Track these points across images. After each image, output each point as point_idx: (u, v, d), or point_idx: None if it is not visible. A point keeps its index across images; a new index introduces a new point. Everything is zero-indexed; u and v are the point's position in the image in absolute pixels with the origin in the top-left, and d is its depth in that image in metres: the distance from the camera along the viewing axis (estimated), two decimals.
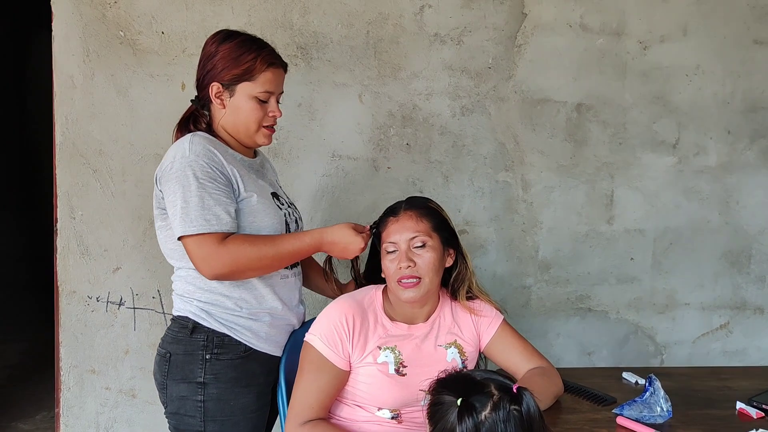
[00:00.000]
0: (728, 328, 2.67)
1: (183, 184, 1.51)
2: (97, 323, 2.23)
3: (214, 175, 1.53)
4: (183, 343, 1.60)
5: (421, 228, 1.54)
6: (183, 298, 1.63)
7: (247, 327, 1.63)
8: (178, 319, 1.64)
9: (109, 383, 2.25)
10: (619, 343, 2.60)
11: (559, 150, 2.46)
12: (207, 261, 1.51)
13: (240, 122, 1.62)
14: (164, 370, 1.62)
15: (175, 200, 1.52)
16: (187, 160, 1.52)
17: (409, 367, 1.56)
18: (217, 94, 1.60)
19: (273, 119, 1.65)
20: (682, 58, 2.50)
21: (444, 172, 2.39)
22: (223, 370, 1.60)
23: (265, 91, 1.60)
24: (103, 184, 2.18)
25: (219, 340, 1.60)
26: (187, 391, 1.59)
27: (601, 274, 2.55)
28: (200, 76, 1.64)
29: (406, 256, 1.52)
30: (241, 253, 1.52)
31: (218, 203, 1.51)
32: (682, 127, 2.53)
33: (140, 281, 2.23)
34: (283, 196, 1.74)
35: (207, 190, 1.51)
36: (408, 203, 1.60)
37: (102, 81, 2.15)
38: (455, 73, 2.36)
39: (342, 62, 2.28)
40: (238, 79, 1.59)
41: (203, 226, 1.50)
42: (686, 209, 2.57)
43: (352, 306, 1.57)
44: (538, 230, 2.49)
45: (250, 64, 1.58)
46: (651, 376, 1.61)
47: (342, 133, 2.31)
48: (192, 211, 1.50)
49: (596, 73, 2.45)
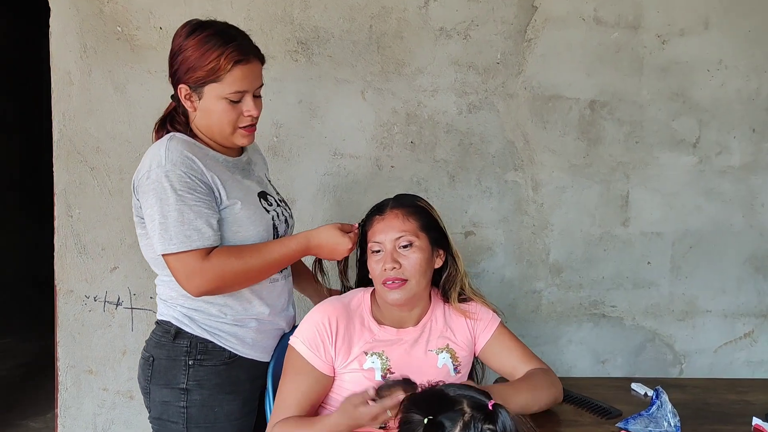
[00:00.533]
0: (752, 336, 2.53)
1: (160, 196, 1.42)
2: (94, 323, 2.20)
3: (192, 185, 1.44)
4: (166, 348, 1.55)
5: (407, 227, 1.47)
6: (166, 303, 1.58)
7: (232, 333, 1.57)
8: (161, 323, 1.59)
9: (106, 384, 2.22)
10: (635, 351, 2.49)
11: (571, 149, 2.36)
12: (191, 279, 1.44)
13: (213, 125, 1.51)
14: (147, 375, 1.57)
15: (153, 214, 1.43)
16: (164, 170, 1.43)
17: (396, 373, 1.48)
18: (186, 97, 1.49)
19: (250, 119, 1.51)
20: (704, 53, 2.37)
21: (450, 171, 2.31)
22: (206, 377, 1.55)
23: (236, 91, 1.47)
24: (101, 182, 2.15)
25: (202, 346, 1.54)
26: (170, 396, 1.54)
27: (616, 278, 2.44)
28: (170, 74, 1.52)
29: (391, 256, 1.45)
30: (226, 268, 1.46)
31: (199, 216, 1.43)
32: (703, 124, 2.41)
33: (137, 281, 2.19)
34: (272, 194, 1.66)
35: (186, 202, 1.42)
36: (395, 201, 1.52)
37: (99, 77, 2.12)
38: (462, 69, 2.27)
39: (344, 58, 2.22)
40: (204, 81, 1.46)
41: (184, 243, 1.42)
42: (707, 211, 2.44)
43: (337, 308, 1.50)
44: (548, 232, 2.39)
45: (214, 63, 1.44)
46: (658, 389, 1.50)
47: (344, 131, 2.24)
48: (171, 227, 1.42)
49: (611, 69, 2.34)
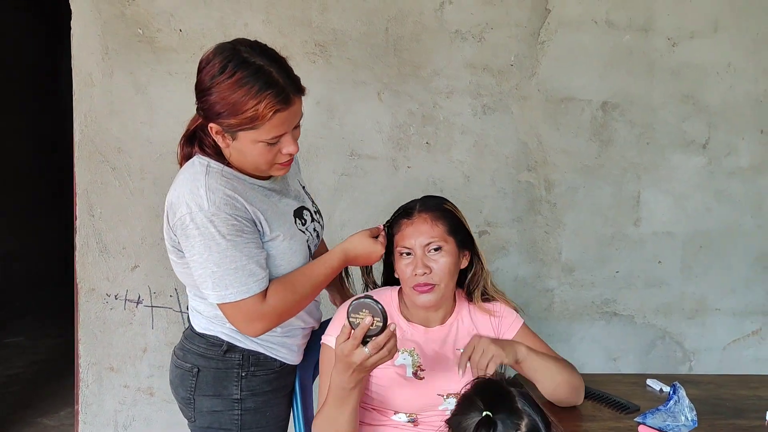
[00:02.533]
0: (760, 334, 2.57)
1: (209, 244, 1.32)
2: (115, 321, 2.23)
3: (240, 227, 1.34)
4: (215, 360, 1.49)
5: (436, 233, 1.49)
6: (210, 320, 1.49)
7: (282, 344, 1.56)
8: (204, 336, 1.51)
9: (127, 381, 2.25)
10: (646, 349, 2.53)
11: (584, 150, 2.39)
12: (252, 324, 1.39)
13: (247, 163, 1.37)
14: (190, 385, 1.51)
15: (203, 262, 1.33)
16: (208, 215, 1.31)
17: (427, 370, 1.52)
18: (217, 133, 1.33)
19: (288, 156, 1.37)
20: (713, 56, 2.41)
21: (465, 171, 2.35)
22: (259, 385, 1.54)
23: (274, 137, 1.31)
24: (122, 182, 2.18)
25: (254, 358, 1.52)
26: (221, 406, 1.51)
27: (628, 277, 2.48)
28: (197, 103, 1.35)
29: (421, 262, 1.46)
30: (285, 306, 1.41)
31: (250, 259, 1.34)
32: (713, 126, 2.45)
33: (158, 280, 2.22)
34: (308, 206, 1.59)
35: (237, 246, 1.33)
36: (422, 204, 1.54)
37: (121, 79, 2.15)
38: (477, 71, 2.31)
39: (361, 60, 2.25)
40: (238, 129, 1.30)
41: (241, 292, 1.34)
42: (717, 212, 2.48)
43: None
44: (561, 232, 2.43)
45: (252, 114, 1.26)
46: (675, 384, 1.54)
47: (361, 132, 2.28)
48: (226, 276, 1.33)
49: (623, 71, 2.38)
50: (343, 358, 1.29)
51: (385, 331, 1.26)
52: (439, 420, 1.55)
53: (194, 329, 1.53)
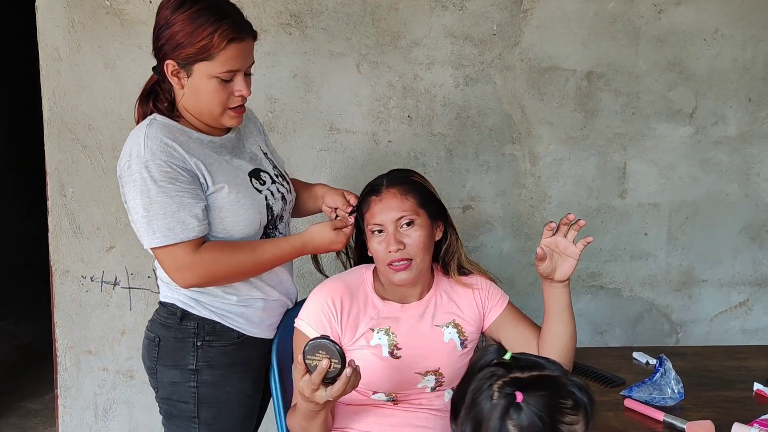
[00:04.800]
0: (747, 305, 2.56)
1: (141, 189, 1.37)
2: (92, 303, 2.18)
3: (174, 174, 1.38)
4: (173, 330, 1.53)
5: (406, 206, 1.44)
6: (168, 285, 1.53)
7: (239, 313, 1.55)
8: (165, 305, 1.55)
9: (106, 364, 2.21)
10: (633, 322, 2.51)
11: (568, 121, 2.34)
12: (180, 272, 1.42)
13: (202, 105, 1.43)
14: (153, 355, 1.55)
15: (136, 207, 1.39)
16: (143, 160, 1.37)
17: (403, 349, 1.48)
18: (173, 73, 1.40)
19: (240, 99, 1.44)
20: (700, 22, 2.36)
21: (447, 145, 2.30)
22: (216, 357, 1.53)
23: (228, 71, 1.39)
24: (94, 160, 2.12)
25: (210, 327, 1.52)
26: (179, 377, 1.52)
27: (614, 250, 2.45)
28: (154, 47, 1.44)
29: (394, 238, 1.42)
30: (217, 264, 1.43)
31: (182, 207, 1.38)
32: (700, 95, 2.40)
33: (135, 260, 2.17)
34: (267, 169, 1.59)
35: (168, 193, 1.37)
36: (389, 179, 1.49)
37: (89, 53, 2.08)
38: (458, 41, 2.25)
39: (338, 30, 2.18)
40: (194, 59, 1.37)
41: (168, 237, 1.38)
42: (704, 182, 2.45)
43: (339, 287, 1.49)
44: (546, 205, 2.39)
45: (206, 41, 1.35)
46: (662, 356, 1.51)
47: (340, 106, 2.22)
48: (154, 220, 1.38)
49: (607, 39, 2.32)
50: (302, 395, 1.28)
51: (342, 379, 1.24)
52: (419, 397, 1.52)
53: (160, 299, 1.57)
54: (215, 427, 1.55)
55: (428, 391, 1.52)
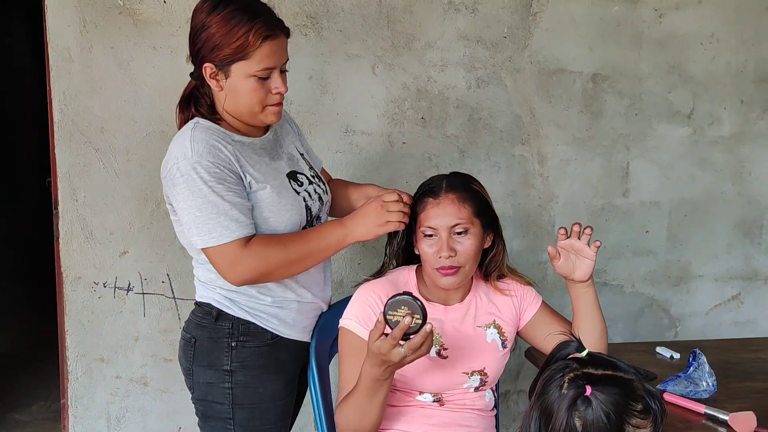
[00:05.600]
0: (739, 298, 2.67)
1: (192, 190, 1.38)
2: (104, 310, 2.12)
3: (222, 175, 1.40)
4: (208, 330, 1.53)
5: (463, 214, 1.45)
6: (205, 285, 1.56)
7: (273, 314, 1.55)
8: (201, 305, 1.57)
9: (119, 372, 2.16)
10: (634, 317, 2.58)
11: (575, 122, 2.40)
12: (233, 268, 1.42)
13: (241, 105, 1.45)
14: (189, 356, 1.55)
15: (188, 208, 1.40)
16: (191, 162, 1.38)
17: (450, 349, 1.50)
18: (211, 75, 1.43)
19: (278, 96, 1.46)
20: (697, 27, 2.45)
21: (460, 146, 2.32)
22: (249, 358, 1.54)
23: (264, 68, 1.41)
24: (107, 164, 2.07)
25: (244, 327, 1.53)
26: (214, 378, 1.53)
27: (617, 247, 2.52)
28: (192, 52, 1.46)
29: (447, 245, 1.43)
30: (269, 256, 1.43)
31: (233, 206, 1.40)
32: (697, 97, 2.49)
33: (149, 265, 2.13)
34: (303, 171, 1.60)
35: (219, 193, 1.38)
36: (449, 185, 1.48)
37: (101, 54, 2.02)
38: (470, 44, 2.28)
39: (354, 32, 2.18)
40: (231, 59, 1.39)
41: (223, 235, 1.39)
42: (701, 180, 2.54)
43: (385, 285, 1.50)
44: (554, 204, 2.44)
45: (242, 41, 1.37)
46: (695, 351, 1.57)
47: (355, 107, 2.22)
48: (208, 221, 1.39)
49: (612, 43, 2.39)
50: (378, 355, 1.26)
51: (422, 333, 1.24)
52: (463, 398, 1.54)
53: (196, 299, 1.57)
54: (250, 428, 1.55)
55: (472, 391, 1.54)
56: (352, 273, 2.29)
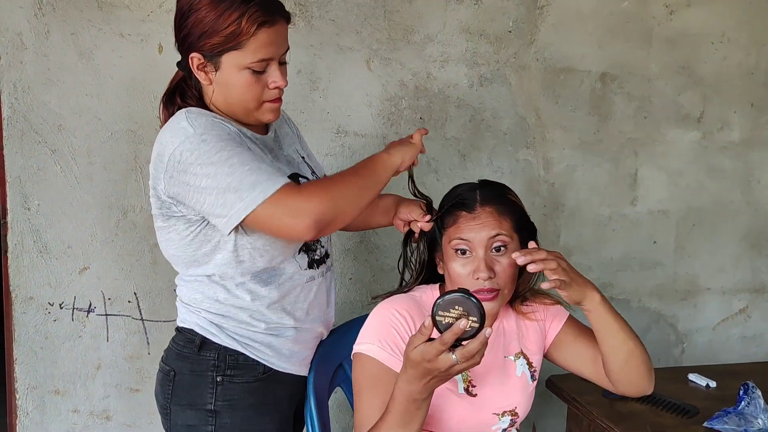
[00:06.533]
0: (747, 312, 2.53)
1: (211, 160, 1.17)
2: (61, 335, 1.85)
3: (238, 141, 1.23)
4: (189, 361, 1.32)
5: (503, 228, 1.26)
6: (189, 307, 1.35)
7: (267, 343, 1.34)
8: (183, 330, 1.36)
9: (77, 405, 1.89)
10: (641, 333, 2.37)
11: (582, 125, 2.23)
12: (300, 213, 1.17)
13: (234, 101, 1.27)
14: (167, 392, 1.33)
15: (212, 184, 1.17)
16: (198, 136, 1.20)
17: (478, 386, 1.29)
18: (199, 67, 1.24)
19: (277, 91, 1.27)
20: (708, 25, 2.30)
21: (461, 150, 2.12)
22: (238, 396, 1.32)
23: (260, 60, 1.22)
24: (65, 167, 1.80)
25: (232, 359, 1.32)
26: (195, 419, 1.31)
27: (624, 260, 2.35)
28: (177, 39, 1.28)
29: (485, 264, 1.22)
30: (328, 190, 1.22)
31: (260, 163, 1.21)
32: (707, 99, 2.35)
33: (113, 283, 1.86)
34: (305, 174, 1.41)
35: (242, 153, 1.20)
36: (484, 195, 1.29)
37: (59, 41, 1.76)
38: (473, 38, 2.08)
39: (347, 22, 1.96)
40: (222, 49, 1.21)
41: (271, 182, 1.17)
42: (709, 189, 2.40)
43: (408, 302, 1.29)
44: (560, 213, 2.26)
45: (234, 27, 1.18)
46: (748, 384, 1.40)
47: (348, 106, 2.00)
48: (245, 178, 1.17)
49: (621, 40, 2.22)
50: (422, 362, 1.03)
51: (480, 338, 1.02)
52: None
53: (177, 324, 1.39)
54: None
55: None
56: (342, 289, 2.06)
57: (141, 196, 1.85)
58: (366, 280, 2.10)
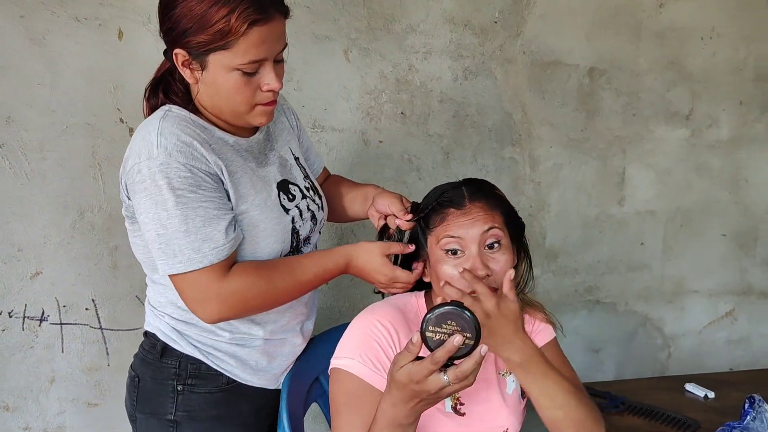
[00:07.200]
0: (733, 315, 2.47)
1: (156, 199, 1.09)
2: (10, 346, 1.70)
3: (196, 180, 1.10)
4: (152, 367, 1.25)
5: (495, 223, 1.16)
6: (154, 311, 1.27)
7: (231, 353, 1.25)
8: (148, 335, 1.30)
9: (29, 422, 1.74)
10: (628, 338, 2.35)
11: (569, 121, 2.14)
12: (205, 304, 1.13)
13: (222, 103, 1.15)
14: (133, 399, 1.27)
15: (149, 223, 1.11)
16: (156, 164, 1.08)
17: (467, 404, 1.18)
18: (184, 64, 1.13)
19: (271, 94, 1.15)
20: (698, 19, 2.22)
21: (444, 147, 2.01)
22: (199, 407, 1.24)
23: (251, 62, 1.10)
24: (14, 163, 1.64)
25: (194, 368, 1.23)
26: (157, 429, 1.24)
27: (611, 262, 2.27)
28: (161, 30, 1.14)
29: (481, 261, 1.12)
30: (250, 293, 1.13)
31: (207, 221, 1.10)
32: (696, 96, 2.27)
33: (69, 289, 1.72)
34: (297, 179, 1.30)
35: (189, 205, 1.09)
36: (471, 190, 1.20)
37: (7, 24, 1.60)
38: (457, 28, 1.97)
39: (324, 9, 1.84)
40: (208, 48, 1.09)
41: (194, 261, 1.10)
42: (697, 188, 2.33)
43: (391, 311, 1.17)
44: (545, 214, 2.17)
45: (223, 25, 1.06)
46: (754, 396, 1.32)
47: (325, 99, 1.88)
48: (174, 241, 1.09)
49: (610, 34, 2.13)
50: (409, 384, 0.91)
51: (474, 357, 0.91)
52: None
53: (144, 328, 1.31)
54: None
55: None
56: (320, 296, 1.94)
57: (100, 195, 1.70)
58: (343, 285, 1.99)
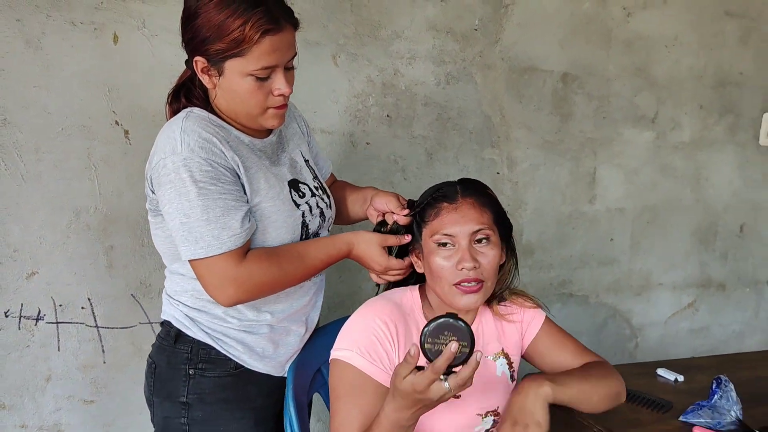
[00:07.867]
0: (695, 306, 2.63)
1: (179, 191, 1.18)
2: (7, 345, 1.72)
3: (215, 174, 1.20)
4: (167, 353, 1.34)
5: (485, 220, 1.25)
6: (170, 300, 1.37)
7: (239, 339, 1.33)
8: (164, 324, 1.38)
9: (25, 420, 1.76)
10: (598, 329, 2.48)
11: (545, 124, 2.25)
12: (224, 287, 1.22)
13: (237, 106, 1.25)
14: (150, 384, 1.36)
15: (173, 212, 1.20)
16: (180, 158, 1.18)
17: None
18: (203, 70, 1.23)
19: (281, 98, 1.25)
20: (662, 28, 2.37)
21: (428, 148, 2.10)
22: (209, 390, 1.31)
23: (263, 68, 1.20)
24: (10, 165, 1.67)
25: (204, 353, 1.32)
26: (171, 411, 1.32)
27: (583, 257, 2.39)
28: (183, 39, 1.25)
29: (469, 254, 1.21)
30: (264, 276, 1.24)
31: (226, 211, 1.20)
32: (661, 101, 2.41)
33: (65, 288, 1.74)
34: (306, 180, 1.39)
35: (210, 196, 1.19)
36: (464, 188, 1.29)
37: (3, 27, 1.62)
38: (440, 35, 2.06)
39: (314, 16, 1.90)
40: (224, 55, 1.19)
41: (213, 247, 1.19)
42: (662, 187, 2.47)
43: (390, 308, 1.25)
44: (522, 212, 2.28)
45: (237, 34, 1.16)
46: (720, 378, 1.44)
47: (314, 102, 1.94)
48: (196, 228, 1.19)
49: (582, 41, 2.25)
50: (412, 393, 1.00)
51: (471, 363, 1.00)
52: None
53: (161, 317, 1.39)
54: None
55: None
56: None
57: (95, 196, 1.74)
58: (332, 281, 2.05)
